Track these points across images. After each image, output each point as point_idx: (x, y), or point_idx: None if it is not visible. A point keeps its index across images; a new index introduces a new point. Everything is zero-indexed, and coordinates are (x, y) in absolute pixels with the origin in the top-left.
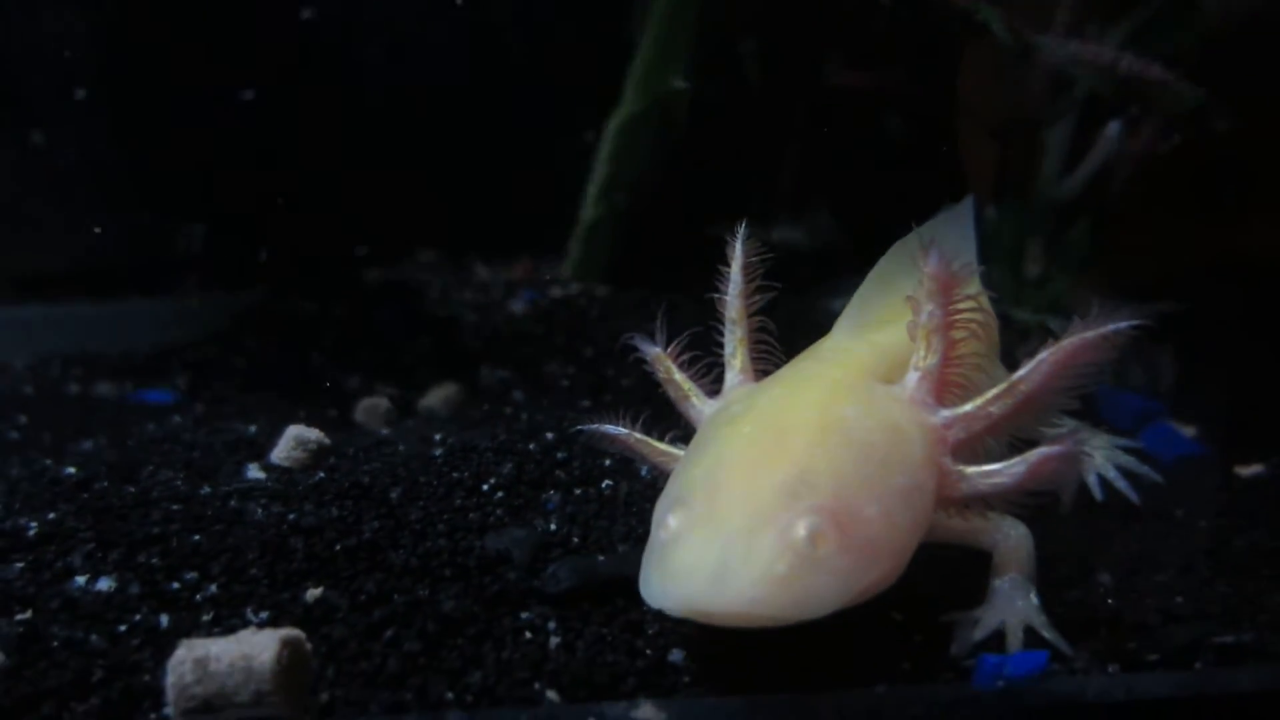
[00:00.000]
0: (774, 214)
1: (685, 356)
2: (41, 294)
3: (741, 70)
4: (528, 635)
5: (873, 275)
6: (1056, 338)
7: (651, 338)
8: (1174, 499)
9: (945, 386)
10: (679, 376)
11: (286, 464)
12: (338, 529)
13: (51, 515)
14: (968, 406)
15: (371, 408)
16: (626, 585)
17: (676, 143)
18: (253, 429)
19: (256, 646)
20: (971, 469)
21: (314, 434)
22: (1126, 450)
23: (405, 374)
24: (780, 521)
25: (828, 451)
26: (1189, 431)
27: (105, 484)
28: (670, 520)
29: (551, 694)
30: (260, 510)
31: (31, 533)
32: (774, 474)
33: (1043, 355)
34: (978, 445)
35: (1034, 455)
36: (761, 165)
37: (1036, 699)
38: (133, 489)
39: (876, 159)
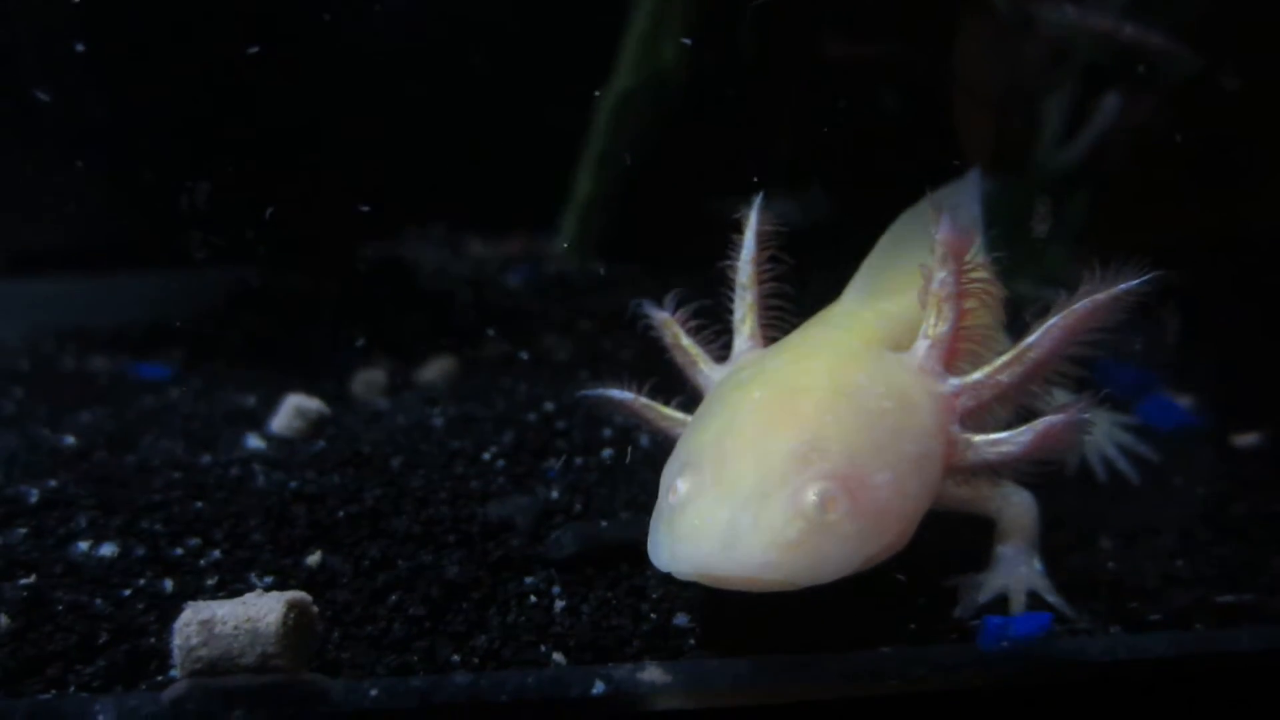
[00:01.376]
0: (768, 188)
1: (692, 324)
2: (34, 269)
3: (736, 43)
4: (532, 599)
5: (882, 243)
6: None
7: (658, 305)
8: (1171, 468)
9: (955, 355)
10: (686, 342)
11: (287, 433)
12: (339, 496)
13: (52, 483)
14: (977, 375)
15: (369, 380)
16: (630, 550)
17: (671, 117)
18: (251, 400)
19: (262, 609)
20: (979, 438)
21: (314, 404)
22: (1126, 428)
23: (402, 348)
24: (791, 486)
25: (838, 417)
26: (1185, 402)
27: (104, 453)
28: (680, 484)
29: (557, 656)
30: (262, 478)
31: (33, 499)
32: (785, 439)
33: (1052, 320)
34: (986, 413)
35: (1041, 424)
36: (756, 140)
37: (1040, 659)
38: (132, 458)
39: (871, 133)
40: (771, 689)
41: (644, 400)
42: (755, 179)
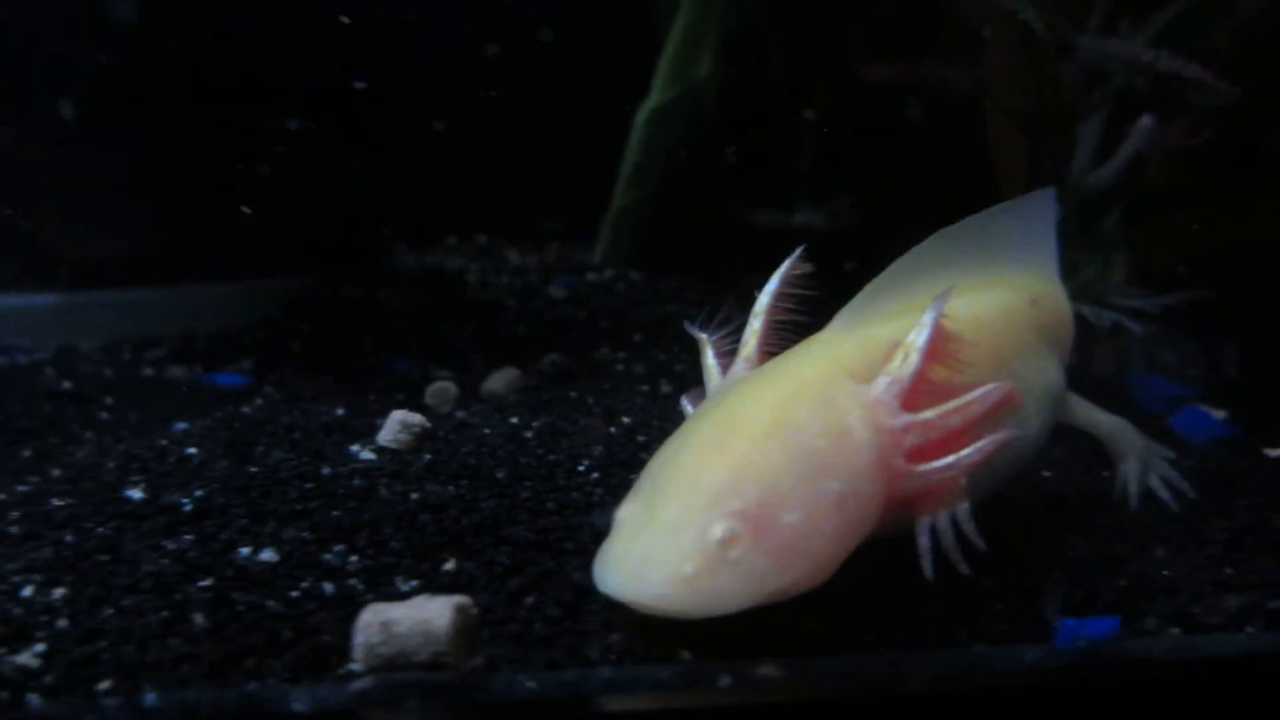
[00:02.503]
0: (796, 200)
1: (727, 344)
2: (100, 281)
3: (766, 59)
4: None
5: (897, 264)
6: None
7: (698, 323)
8: (1210, 480)
9: (916, 396)
10: (711, 362)
11: (394, 446)
12: (459, 506)
13: (199, 493)
14: (928, 414)
15: (440, 391)
16: None
17: (705, 131)
18: (340, 411)
19: (433, 612)
20: (923, 466)
21: (416, 418)
22: (1166, 460)
23: (458, 358)
24: (700, 523)
25: (764, 456)
26: (1219, 415)
27: (226, 463)
28: (621, 509)
29: (685, 653)
30: (384, 489)
31: (187, 509)
32: (710, 475)
33: (1001, 385)
34: (934, 451)
35: (987, 443)
36: (784, 152)
37: (1112, 657)
38: (255, 469)
39: (898, 148)
40: (871, 685)
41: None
42: (782, 189)
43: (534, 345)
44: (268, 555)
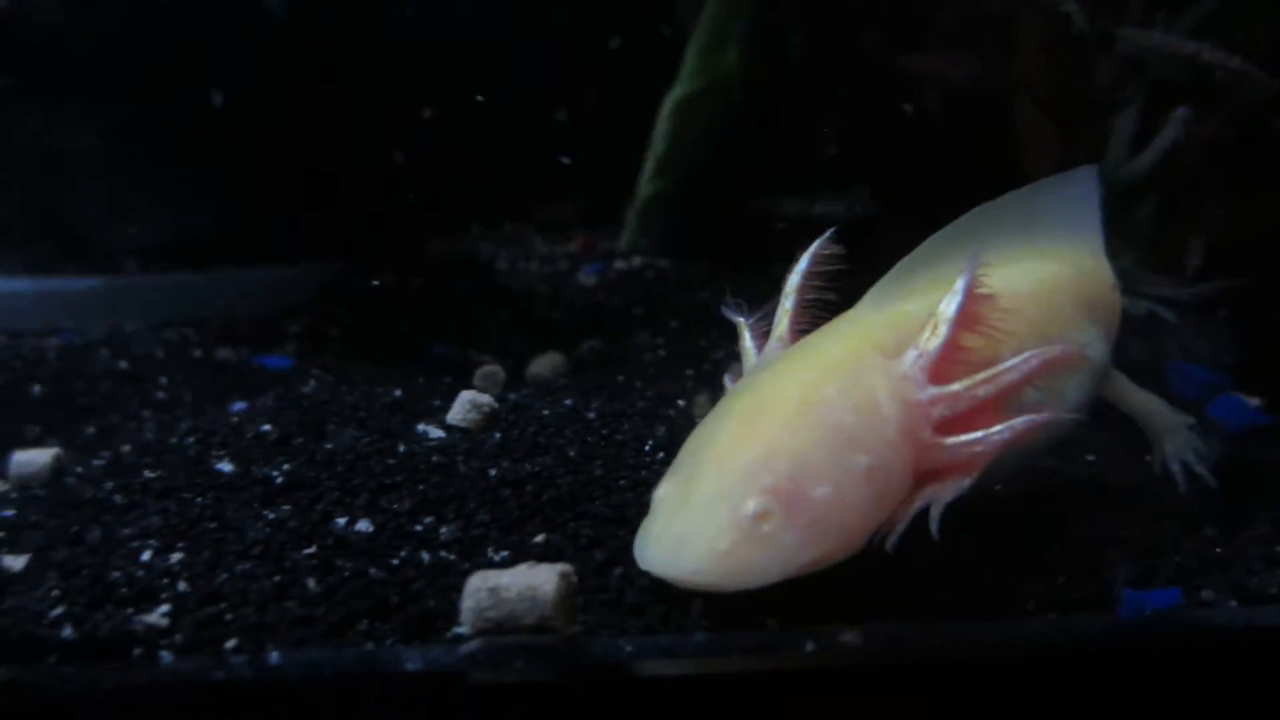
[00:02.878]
0: (817, 189)
1: (763, 327)
2: (142, 265)
3: (789, 50)
4: None
5: (930, 241)
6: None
7: (734, 308)
8: (1249, 466)
9: (945, 369)
10: (748, 344)
11: (464, 424)
12: (537, 483)
13: (286, 466)
14: (956, 386)
15: (489, 375)
16: None
17: (730, 120)
18: (397, 392)
19: (540, 579)
20: (952, 439)
21: (485, 398)
22: (1201, 436)
23: (496, 344)
24: (733, 500)
25: (794, 433)
26: (1255, 402)
27: (302, 440)
28: (660, 488)
29: (771, 621)
30: (463, 465)
31: (279, 481)
32: (742, 453)
33: (1033, 354)
34: (963, 424)
35: (1020, 423)
36: (806, 142)
37: (1175, 627)
38: (329, 445)
39: (919, 138)
40: (947, 652)
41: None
42: (804, 178)
43: (570, 331)
44: (363, 526)
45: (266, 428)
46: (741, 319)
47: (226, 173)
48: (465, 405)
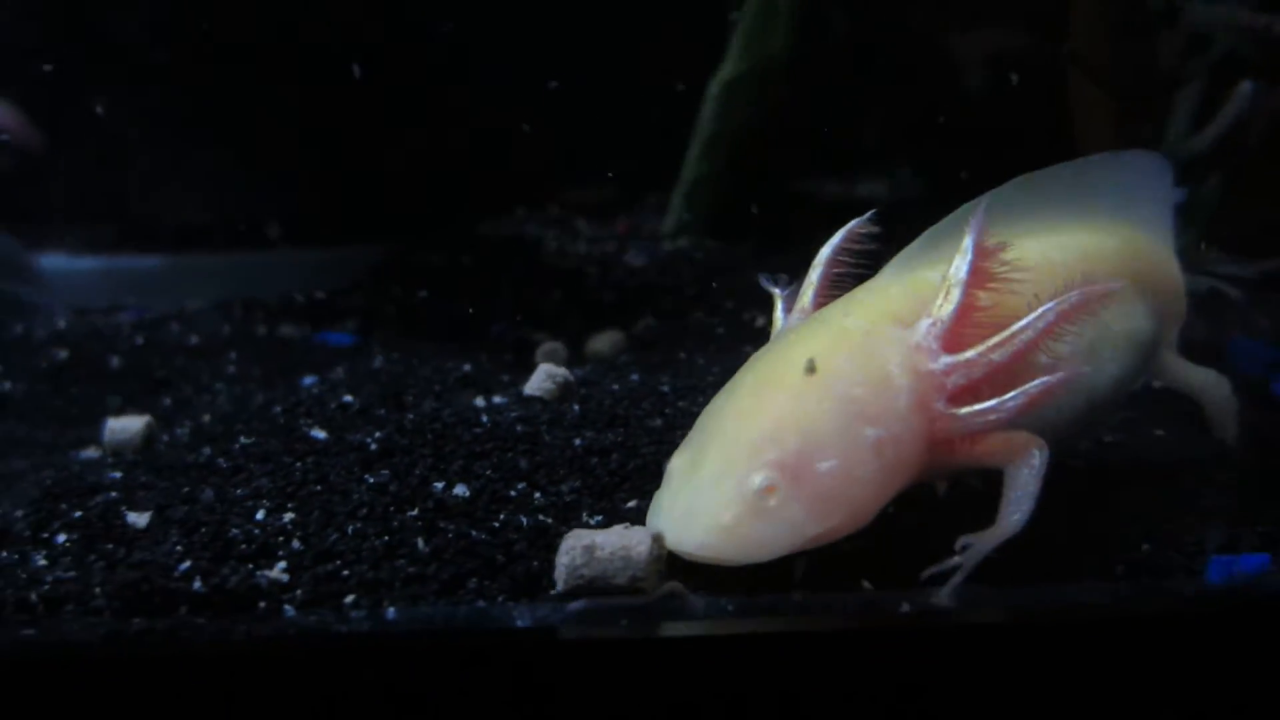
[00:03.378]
0: (859, 170)
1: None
2: (203, 245)
3: (834, 30)
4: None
5: (967, 207)
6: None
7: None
8: None
9: (960, 335)
10: (779, 315)
11: (541, 395)
12: (623, 452)
13: (378, 434)
14: (969, 353)
15: (551, 351)
16: None
17: (776, 102)
18: (466, 367)
19: (633, 539)
20: (965, 409)
21: (561, 370)
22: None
23: (551, 322)
24: (739, 473)
25: (802, 405)
26: None
27: (384, 410)
28: (672, 460)
29: (866, 583)
30: (547, 435)
31: (373, 448)
32: (750, 426)
33: (1047, 306)
34: (980, 391)
35: (1033, 386)
36: (851, 123)
37: (1261, 591)
38: (412, 415)
39: (966, 117)
40: (1041, 614)
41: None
42: (847, 159)
43: (624, 310)
44: (460, 490)
45: (349, 399)
46: (777, 290)
47: (282, 156)
48: (542, 376)
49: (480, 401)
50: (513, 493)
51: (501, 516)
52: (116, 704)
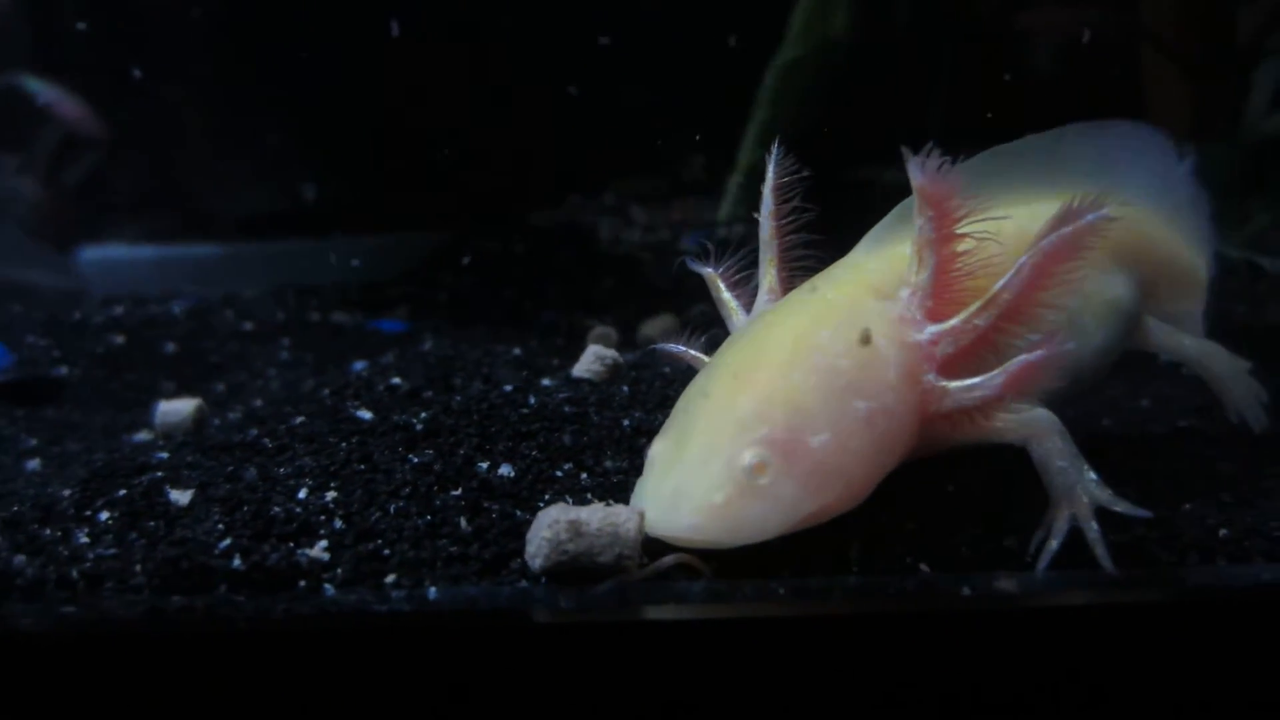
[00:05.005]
0: (921, 152)
1: (738, 277)
2: (258, 233)
3: (894, 13)
4: (882, 519)
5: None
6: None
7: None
8: None
9: (945, 299)
10: (725, 296)
11: (590, 377)
12: None
13: (424, 415)
14: (954, 320)
15: (603, 335)
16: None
17: (835, 86)
18: (517, 351)
19: (621, 516)
20: (955, 383)
21: (610, 352)
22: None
23: (602, 309)
24: (728, 452)
25: (789, 381)
26: None
27: (432, 392)
28: (653, 446)
29: (924, 566)
30: (595, 415)
31: (419, 428)
32: (736, 406)
33: (1023, 260)
34: (972, 358)
35: (1014, 364)
36: (912, 107)
37: None
38: (460, 397)
39: (1031, 98)
40: (1110, 596)
41: (693, 353)
42: (907, 144)
43: (677, 296)
44: (505, 470)
45: (397, 380)
46: (709, 270)
47: (335, 145)
48: (591, 358)
49: (529, 383)
50: (559, 473)
51: (547, 497)
52: (155, 680)
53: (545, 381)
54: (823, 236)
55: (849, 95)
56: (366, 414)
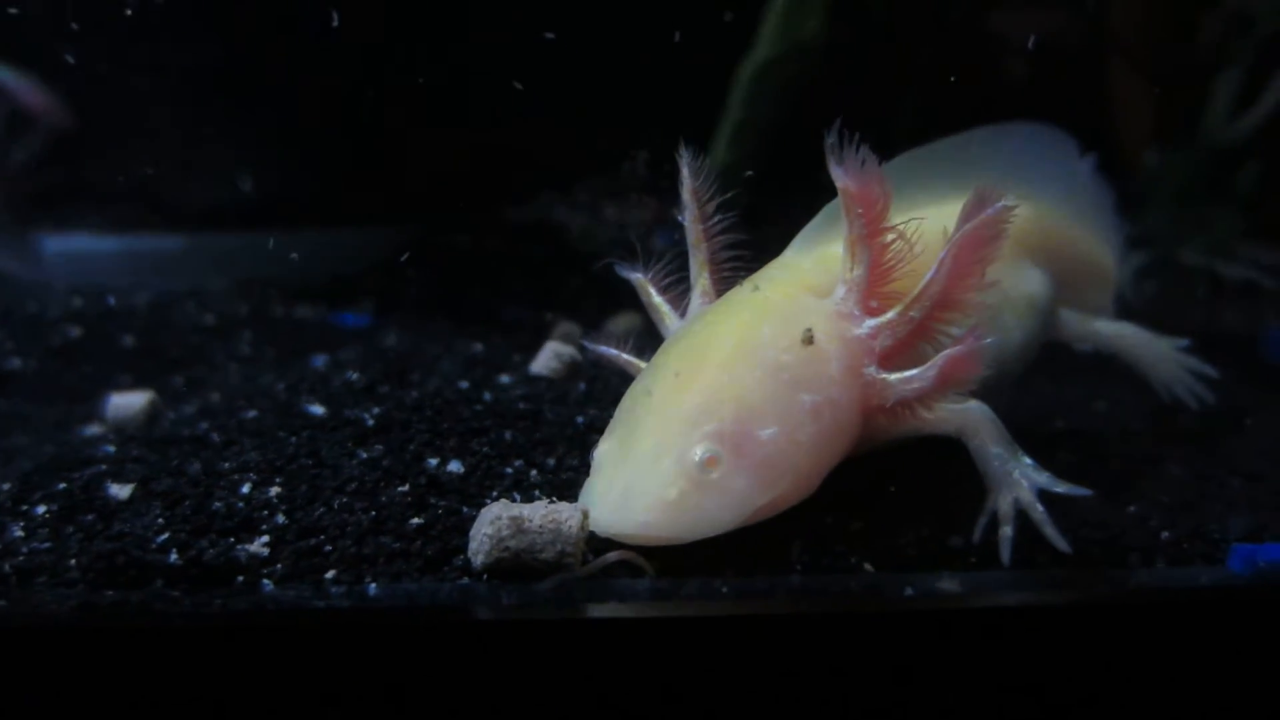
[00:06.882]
0: (892, 157)
1: (667, 281)
2: (221, 225)
3: (869, 14)
4: (828, 520)
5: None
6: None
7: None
8: None
9: (878, 295)
10: (657, 300)
11: (547, 374)
12: None
13: (376, 410)
14: (890, 314)
15: (567, 332)
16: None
17: (808, 87)
18: (478, 347)
19: (564, 513)
20: (894, 376)
21: (568, 349)
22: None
23: (569, 305)
24: (678, 448)
25: (735, 376)
26: None
27: (388, 387)
28: (597, 448)
29: (868, 566)
30: (549, 412)
31: (370, 424)
32: (683, 403)
33: (943, 254)
34: (910, 351)
35: (941, 357)
36: (886, 108)
37: None
38: (416, 393)
39: (1004, 102)
40: (1049, 596)
41: (627, 356)
42: (878, 146)
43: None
44: (455, 467)
45: (353, 375)
46: (638, 275)
47: (304, 136)
48: (548, 355)
49: (486, 379)
50: (508, 470)
51: (495, 493)
52: (88, 676)
53: (503, 378)
54: (750, 237)
55: (823, 96)
56: (319, 409)
